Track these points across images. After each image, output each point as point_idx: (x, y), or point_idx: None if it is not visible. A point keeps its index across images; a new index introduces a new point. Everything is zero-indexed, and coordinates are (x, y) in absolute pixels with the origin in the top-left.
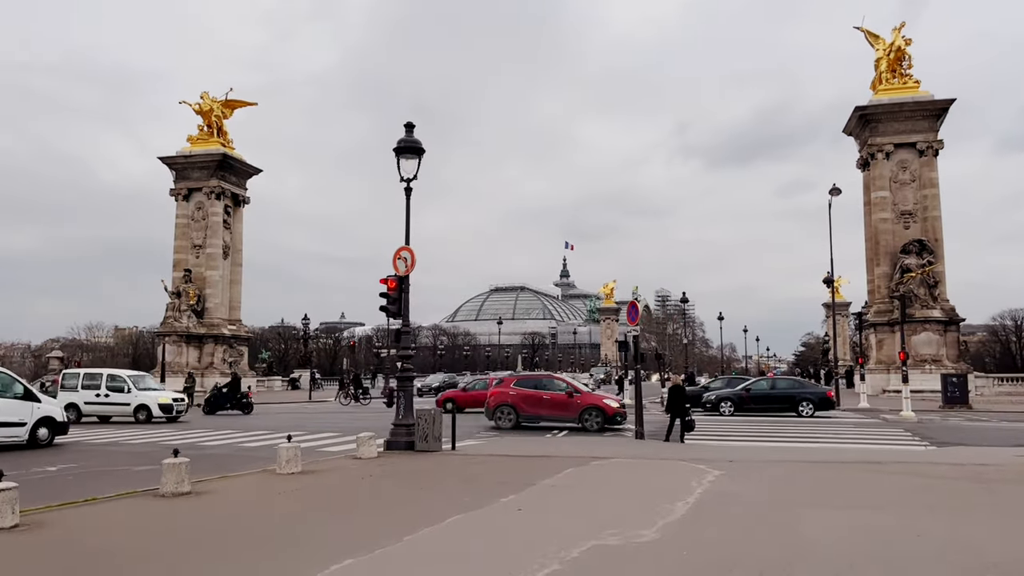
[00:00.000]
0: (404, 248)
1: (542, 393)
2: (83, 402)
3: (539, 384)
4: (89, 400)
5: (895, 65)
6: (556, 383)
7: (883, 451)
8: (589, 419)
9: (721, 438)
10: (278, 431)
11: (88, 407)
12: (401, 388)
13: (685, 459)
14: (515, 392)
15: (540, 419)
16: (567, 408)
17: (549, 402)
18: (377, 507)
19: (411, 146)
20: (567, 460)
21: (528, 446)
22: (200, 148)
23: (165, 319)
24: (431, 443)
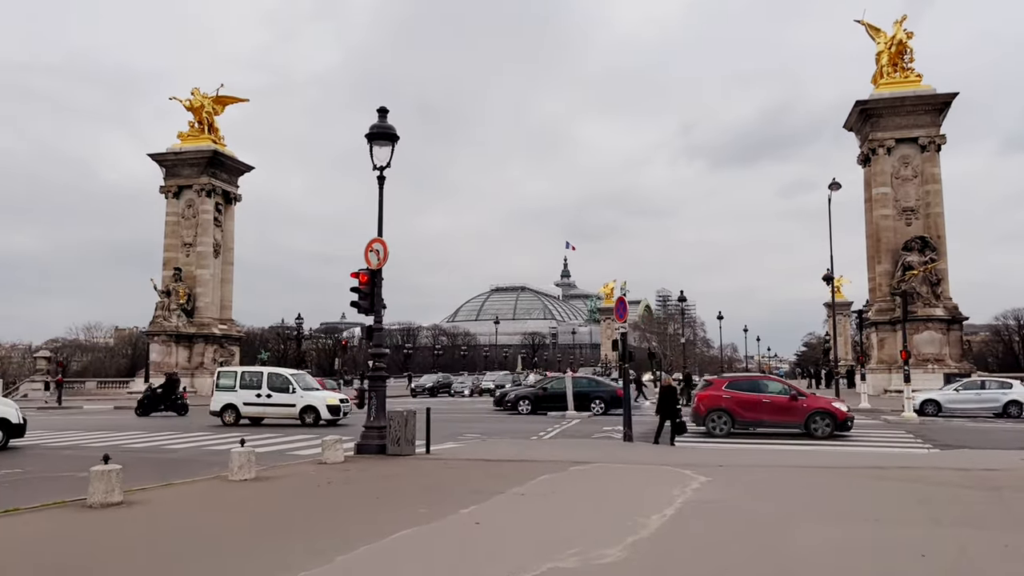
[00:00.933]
0: (376, 240)
1: (761, 396)
2: (242, 403)
3: (756, 386)
4: (249, 401)
5: (896, 59)
6: (774, 384)
7: (884, 455)
8: (817, 425)
9: (715, 440)
10: (252, 433)
11: (248, 408)
12: (373, 388)
13: (671, 464)
14: (729, 395)
15: (759, 424)
16: (791, 413)
17: (769, 406)
18: (322, 519)
19: (384, 132)
20: (545, 465)
21: (508, 449)
22: (190, 145)
23: (154, 319)
24: (403, 447)
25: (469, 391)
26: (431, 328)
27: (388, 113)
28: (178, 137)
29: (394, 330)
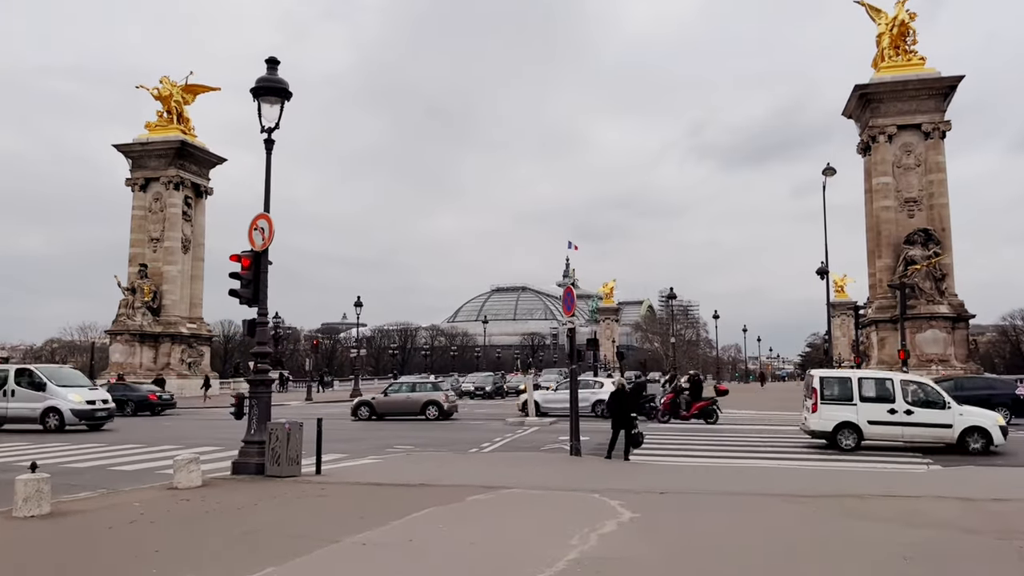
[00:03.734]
0: (261, 216)
1: None
2: (866, 421)
3: None
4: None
5: (898, 41)
6: None
7: (873, 475)
8: None
9: (682, 454)
10: (154, 444)
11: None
12: (255, 394)
13: (604, 489)
14: None
15: None
16: None
17: None
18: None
19: (273, 87)
20: (445, 492)
21: (423, 467)
22: (158, 135)
23: (117, 317)
24: (284, 466)
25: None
26: (429, 329)
27: (279, 64)
28: (145, 127)
29: (392, 331)
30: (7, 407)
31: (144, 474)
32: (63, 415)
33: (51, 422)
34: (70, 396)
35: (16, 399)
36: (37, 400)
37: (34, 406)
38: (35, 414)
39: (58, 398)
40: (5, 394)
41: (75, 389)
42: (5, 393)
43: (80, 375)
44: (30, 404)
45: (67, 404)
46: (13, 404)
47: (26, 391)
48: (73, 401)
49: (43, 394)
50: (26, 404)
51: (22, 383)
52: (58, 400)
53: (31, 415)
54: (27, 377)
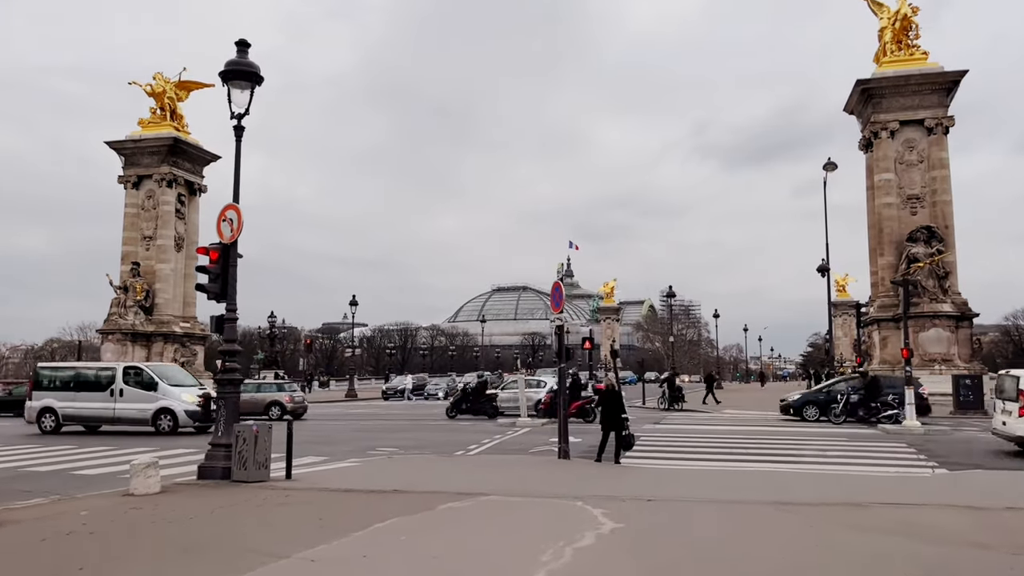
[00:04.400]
0: (230, 207)
1: None
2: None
3: None
4: None
5: (901, 35)
6: None
7: (875, 480)
8: None
9: (677, 456)
10: (124, 448)
11: None
12: (222, 395)
13: (588, 496)
14: None
15: None
16: None
17: None
18: None
19: (243, 70)
20: (418, 500)
21: (400, 472)
22: (151, 132)
23: (109, 316)
24: (251, 471)
25: (444, 393)
26: (429, 328)
27: (250, 47)
28: (138, 124)
29: (392, 331)
30: (115, 407)
31: (110, 478)
32: (176, 416)
33: (164, 424)
34: (183, 396)
35: (125, 399)
36: (148, 400)
37: (145, 407)
38: (146, 415)
39: (171, 398)
40: (112, 394)
41: (186, 388)
42: (112, 393)
43: (186, 373)
44: (140, 405)
45: (181, 405)
46: (122, 405)
47: (136, 391)
48: (187, 401)
49: (154, 394)
50: (136, 405)
51: (131, 382)
52: (171, 400)
53: (141, 416)
54: (137, 376)
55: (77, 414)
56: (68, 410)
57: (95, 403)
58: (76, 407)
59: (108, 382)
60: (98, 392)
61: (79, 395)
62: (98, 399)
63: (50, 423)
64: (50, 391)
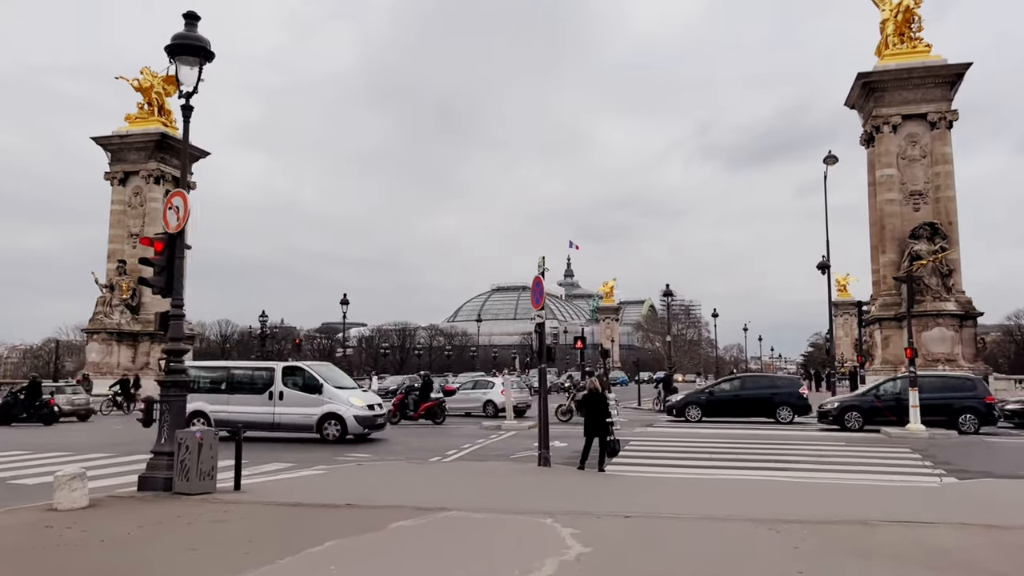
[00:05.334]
0: (176, 193)
1: None
2: None
3: None
4: None
5: (903, 28)
6: None
7: (880, 492)
8: None
9: (667, 463)
10: (80, 451)
11: None
12: (166, 398)
13: (560, 512)
14: None
15: None
16: None
17: None
18: None
19: (191, 44)
20: (366, 516)
21: (364, 481)
22: (138, 127)
23: (94, 315)
24: (194, 482)
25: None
26: (428, 328)
27: (199, 20)
28: (125, 119)
29: (391, 330)
30: (274, 412)
31: None
32: (345, 422)
33: (330, 431)
34: (351, 399)
35: (285, 403)
36: (312, 404)
37: (309, 411)
38: (310, 421)
39: (337, 402)
40: (271, 397)
41: (348, 391)
42: (271, 396)
43: (344, 374)
44: (303, 409)
45: (350, 409)
46: (282, 409)
47: (297, 394)
48: (355, 405)
49: (319, 397)
50: (298, 409)
51: (291, 384)
52: (337, 404)
53: (304, 422)
54: (298, 377)
55: (231, 419)
56: (221, 415)
57: (251, 407)
58: (230, 411)
59: (265, 384)
60: (254, 395)
61: (232, 398)
62: (255, 403)
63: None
64: (200, 392)
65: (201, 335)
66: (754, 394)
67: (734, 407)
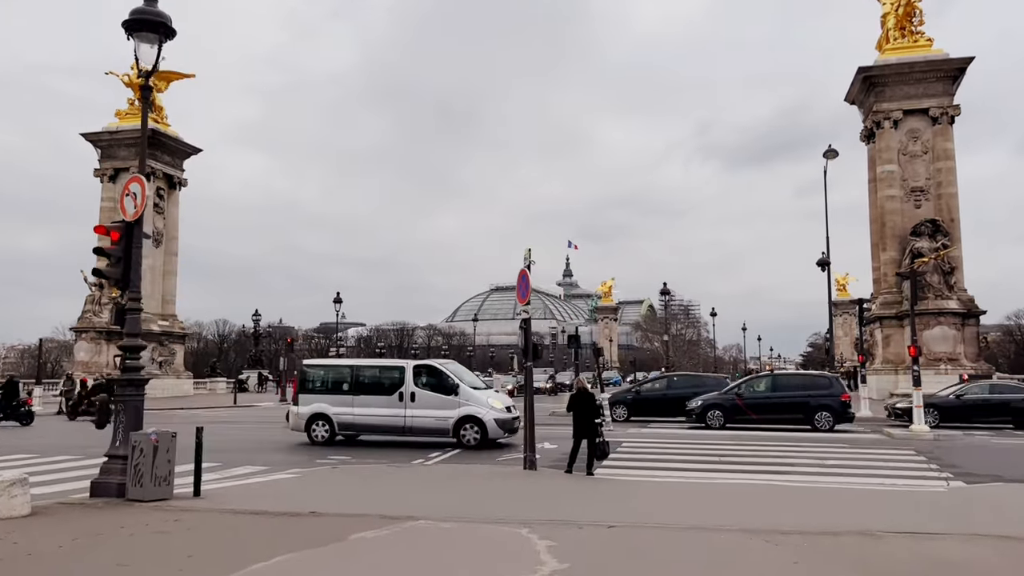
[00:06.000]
0: (134, 179)
1: None
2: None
3: None
4: None
5: (904, 21)
6: None
7: (884, 498)
8: None
9: (660, 466)
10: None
11: None
12: (122, 397)
13: (539, 521)
14: None
15: None
16: None
17: None
18: None
19: (150, 20)
20: (327, 526)
21: (332, 489)
22: (128, 123)
23: (83, 314)
24: (149, 488)
25: None
26: (426, 328)
27: None
28: (115, 115)
29: (389, 330)
30: (404, 415)
31: None
32: (485, 426)
33: (469, 436)
34: (491, 401)
35: (417, 405)
36: (447, 406)
37: (444, 414)
38: (445, 425)
39: (476, 404)
40: (402, 398)
41: (487, 392)
42: (402, 397)
43: (472, 373)
44: (438, 412)
45: (491, 412)
46: (414, 412)
47: (430, 395)
48: (496, 408)
49: (455, 398)
50: (432, 412)
51: (423, 384)
52: (476, 406)
53: (439, 426)
54: (432, 376)
55: (356, 422)
56: (345, 417)
57: (379, 409)
58: (355, 414)
59: (394, 384)
60: (381, 396)
61: (357, 399)
62: (383, 404)
63: (322, 432)
64: (320, 393)
65: (198, 335)
66: (680, 392)
67: (660, 407)
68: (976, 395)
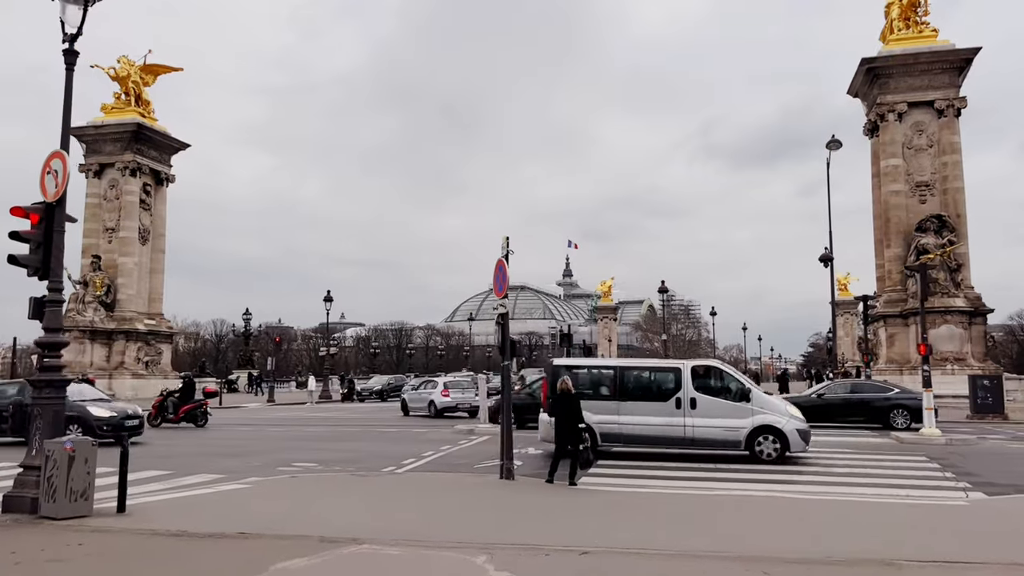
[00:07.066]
0: (55, 155)
1: None
2: None
3: None
4: None
5: (909, 12)
6: None
7: (898, 513)
8: None
9: (648, 472)
10: None
11: None
12: (39, 400)
13: (502, 545)
14: None
15: None
16: None
17: None
18: None
19: None
20: (251, 552)
21: (281, 502)
22: (113, 118)
23: (66, 312)
24: (62, 503)
25: None
26: (425, 328)
27: None
28: (101, 110)
29: (387, 330)
30: (684, 424)
31: None
32: (787, 438)
33: (766, 448)
34: (790, 409)
35: (699, 413)
36: (737, 414)
37: (733, 423)
38: (736, 436)
39: (773, 412)
40: (679, 405)
41: (778, 398)
42: (679, 404)
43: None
44: (725, 421)
45: (791, 422)
46: (696, 421)
47: (715, 401)
48: (796, 416)
49: (745, 406)
50: (718, 421)
51: (705, 388)
52: (773, 415)
53: (728, 437)
54: (715, 379)
55: (625, 433)
56: (610, 427)
57: (651, 418)
58: (623, 423)
59: (669, 388)
60: (654, 402)
61: (624, 406)
62: (655, 412)
63: None
64: None
65: (196, 335)
66: None
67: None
68: (837, 395)
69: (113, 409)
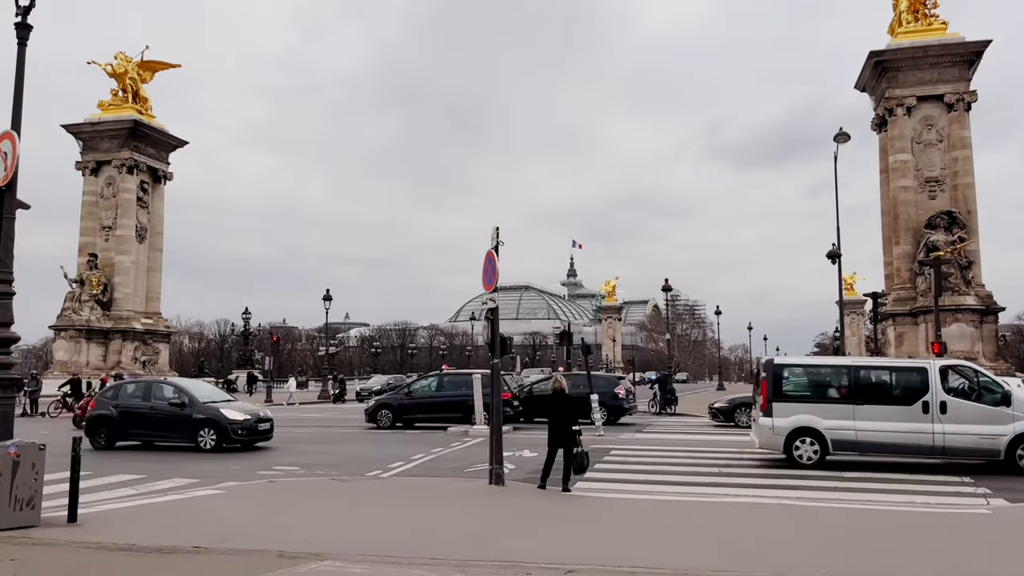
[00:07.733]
0: (5, 135)
1: None
2: None
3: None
4: None
5: (917, 4)
6: None
7: (915, 522)
8: None
9: (647, 477)
10: None
11: None
12: None
13: (479, 563)
14: None
15: None
16: None
17: None
18: None
19: None
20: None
21: (249, 510)
22: (111, 115)
23: (62, 311)
24: (6, 512)
25: None
26: (428, 328)
27: None
28: (98, 106)
29: (391, 330)
30: (932, 431)
31: None
32: None
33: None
34: None
35: (950, 418)
36: (993, 420)
37: (990, 431)
38: (994, 445)
39: None
40: (926, 409)
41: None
42: (926, 408)
43: None
44: (980, 428)
45: None
46: (946, 427)
47: (968, 405)
48: None
49: (1005, 411)
50: (972, 427)
51: (955, 390)
52: None
53: (985, 446)
54: (969, 380)
55: (863, 440)
56: (844, 434)
57: (893, 423)
58: (859, 429)
59: (912, 389)
60: (895, 406)
61: (860, 410)
62: (897, 417)
63: (810, 453)
64: (802, 401)
65: (200, 335)
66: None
67: (431, 409)
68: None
69: (247, 412)
